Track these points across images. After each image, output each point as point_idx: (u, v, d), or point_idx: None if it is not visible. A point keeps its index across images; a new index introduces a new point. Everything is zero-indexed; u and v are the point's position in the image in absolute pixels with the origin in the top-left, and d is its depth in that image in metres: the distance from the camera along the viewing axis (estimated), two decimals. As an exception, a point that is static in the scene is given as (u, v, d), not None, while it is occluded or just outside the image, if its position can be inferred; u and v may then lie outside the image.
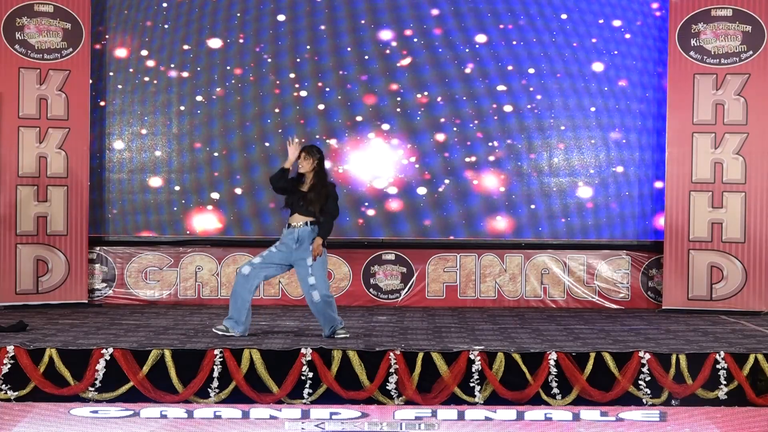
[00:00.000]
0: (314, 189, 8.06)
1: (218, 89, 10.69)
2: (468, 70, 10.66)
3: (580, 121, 10.69)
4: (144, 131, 10.73)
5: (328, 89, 10.67)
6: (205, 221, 10.68)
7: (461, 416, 7.14)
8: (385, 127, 10.66)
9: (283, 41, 10.72)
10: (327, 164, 8.86)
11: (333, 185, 8.20)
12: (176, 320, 9.16)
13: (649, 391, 7.17)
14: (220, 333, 7.96)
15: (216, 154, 10.69)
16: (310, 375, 7.12)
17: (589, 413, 7.16)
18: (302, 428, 7.14)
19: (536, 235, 10.69)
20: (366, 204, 10.67)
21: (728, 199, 10.17)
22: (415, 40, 10.68)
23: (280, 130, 10.63)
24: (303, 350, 7.19)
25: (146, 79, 10.70)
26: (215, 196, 10.66)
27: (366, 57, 10.68)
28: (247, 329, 8.06)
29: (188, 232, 10.66)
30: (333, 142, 10.66)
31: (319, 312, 8.07)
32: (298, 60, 10.69)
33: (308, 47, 10.69)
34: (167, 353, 7.19)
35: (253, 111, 10.68)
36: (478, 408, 7.14)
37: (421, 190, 10.65)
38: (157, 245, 10.69)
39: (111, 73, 10.70)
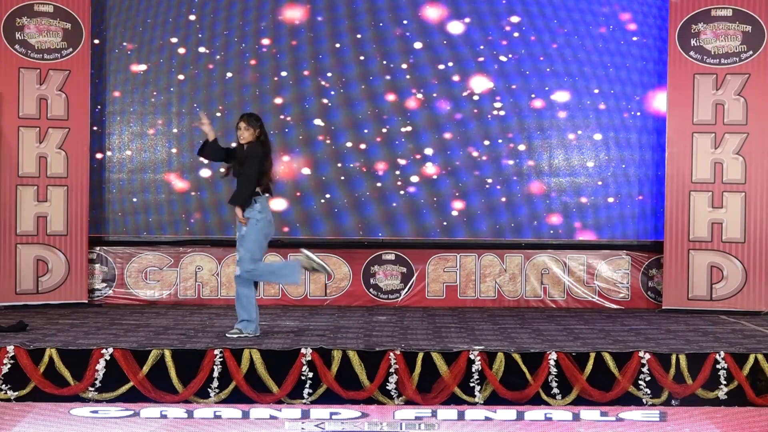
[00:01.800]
0: (242, 163, 8.06)
1: (218, 88, 10.69)
2: (468, 70, 10.66)
3: (580, 121, 10.69)
4: (144, 131, 10.73)
5: (328, 89, 10.67)
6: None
7: (461, 416, 7.14)
8: (385, 126, 10.67)
9: (283, 40, 10.71)
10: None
11: (264, 145, 8.07)
12: (176, 320, 9.16)
13: (649, 391, 7.17)
14: (235, 336, 7.93)
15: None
16: (310, 375, 7.12)
17: (589, 413, 7.16)
18: (302, 428, 7.14)
19: (536, 235, 10.69)
20: (366, 203, 10.67)
21: (728, 199, 10.17)
22: (415, 39, 10.68)
23: (279, 130, 10.65)
24: (303, 350, 7.19)
25: (146, 78, 10.71)
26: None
27: (363, 58, 10.68)
28: (258, 326, 8.09)
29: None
30: (333, 141, 10.66)
31: (236, 288, 8.09)
32: (299, 59, 10.69)
33: (310, 45, 10.69)
34: (167, 353, 7.19)
35: (253, 110, 10.67)
36: (478, 408, 7.14)
37: (421, 190, 10.65)
38: (157, 245, 10.69)
39: (111, 73, 10.70)
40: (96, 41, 10.59)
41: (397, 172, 10.65)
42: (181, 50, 10.70)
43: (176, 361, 7.17)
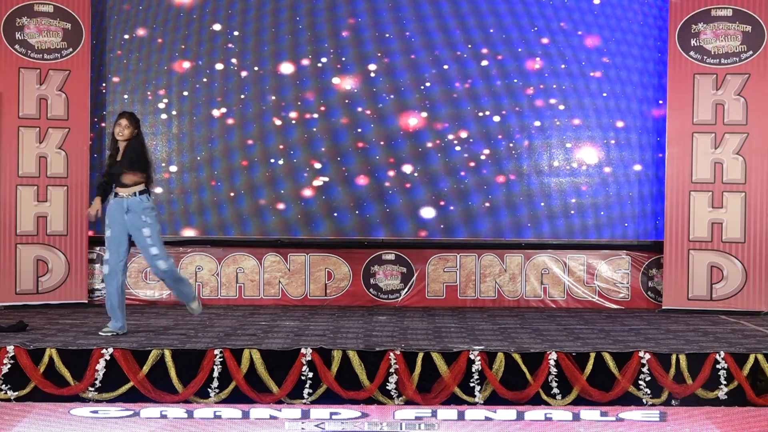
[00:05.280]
0: (126, 156, 8.12)
1: (218, 88, 10.69)
2: (468, 70, 10.66)
3: (580, 121, 10.69)
4: (144, 131, 10.70)
5: (328, 89, 10.68)
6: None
7: (461, 416, 7.14)
8: (385, 126, 10.68)
9: (283, 39, 10.71)
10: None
11: (139, 140, 8.23)
12: (176, 320, 9.16)
13: (649, 391, 7.17)
14: (108, 335, 7.99)
15: (216, 153, 10.70)
16: (310, 375, 7.13)
17: (589, 413, 7.16)
18: (302, 428, 7.15)
19: (536, 235, 10.69)
20: (365, 203, 10.67)
21: (728, 199, 10.17)
22: (415, 39, 10.68)
23: (280, 130, 10.65)
24: (303, 350, 7.19)
25: (146, 78, 10.71)
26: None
27: (363, 56, 10.69)
28: (125, 325, 8.17)
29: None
30: (332, 141, 10.66)
31: (172, 282, 8.24)
32: (299, 58, 10.69)
33: (309, 45, 10.69)
34: (167, 353, 7.19)
35: (254, 110, 10.69)
36: (478, 408, 7.14)
37: (422, 190, 10.65)
38: (157, 245, 10.67)
39: (111, 73, 10.70)
40: (96, 41, 10.60)
41: (398, 172, 10.65)
42: (182, 50, 10.70)
43: (176, 361, 7.17)
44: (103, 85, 10.67)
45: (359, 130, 10.65)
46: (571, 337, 8.20)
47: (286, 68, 10.69)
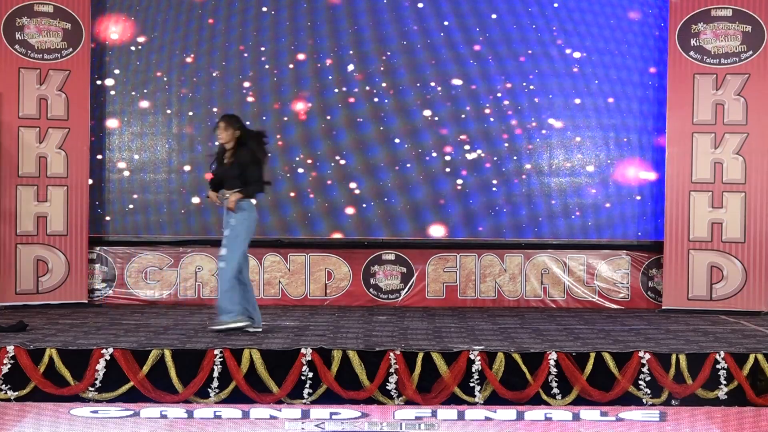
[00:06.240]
0: (235, 160, 8.22)
1: (218, 88, 10.69)
2: (468, 70, 10.66)
3: (580, 121, 10.69)
4: (144, 131, 10.73)
5: (328, 89, 10.68)
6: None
7: (461, 416, 7.14)
8: (385, 126, 10.68)
9: (284, 39, 10.71)
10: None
11: (252, 151, 8.20)
12: (176, 320, 9.16)
13: (649, 391, 7.18)
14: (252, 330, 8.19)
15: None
16: (310, 375, 7.13)
17: (589, 413, 7.16)
18: (302, 428, 7.15)
19: (536, 235, 10.69)
20: (365, 203, 10.67)
21: (728, 199, 10.17)
22: (415, 38, 10.68)
23: (279, 129, 10.65)
24: (303, 350, 7.19)
25: (146, 78, 10.70)
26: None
27: (363, 55, 10.69)
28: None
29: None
30: (332, 140, 10.66)
31: (219, 286, 8.27)
32: (298, 58, 10.69)
33: (309, 45, 10.69)
34: (167, 353, 7.19)
35: (253, 110, 10.68)
36: (478, 408, 7.14)
37: (422, 190, 10.66)
38: (157, 245, 10.69)
39: (111, 73, 10.70)
40: (96, 41, 10.59)
41: (398, 172, 10.65)
42: (182, 48, 10.69)
43: (176, 361, 7.17)
44: (101, 84, 10.67)
45: (359, 130, 10.66)
46: (571, 337, 8.20)
47: (287, 67, 10.69)
